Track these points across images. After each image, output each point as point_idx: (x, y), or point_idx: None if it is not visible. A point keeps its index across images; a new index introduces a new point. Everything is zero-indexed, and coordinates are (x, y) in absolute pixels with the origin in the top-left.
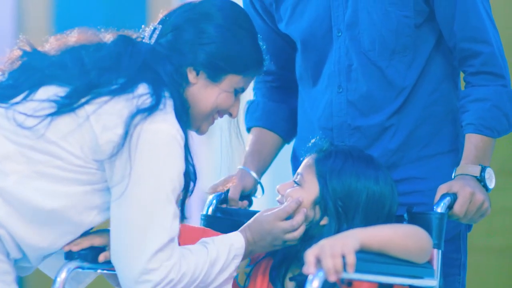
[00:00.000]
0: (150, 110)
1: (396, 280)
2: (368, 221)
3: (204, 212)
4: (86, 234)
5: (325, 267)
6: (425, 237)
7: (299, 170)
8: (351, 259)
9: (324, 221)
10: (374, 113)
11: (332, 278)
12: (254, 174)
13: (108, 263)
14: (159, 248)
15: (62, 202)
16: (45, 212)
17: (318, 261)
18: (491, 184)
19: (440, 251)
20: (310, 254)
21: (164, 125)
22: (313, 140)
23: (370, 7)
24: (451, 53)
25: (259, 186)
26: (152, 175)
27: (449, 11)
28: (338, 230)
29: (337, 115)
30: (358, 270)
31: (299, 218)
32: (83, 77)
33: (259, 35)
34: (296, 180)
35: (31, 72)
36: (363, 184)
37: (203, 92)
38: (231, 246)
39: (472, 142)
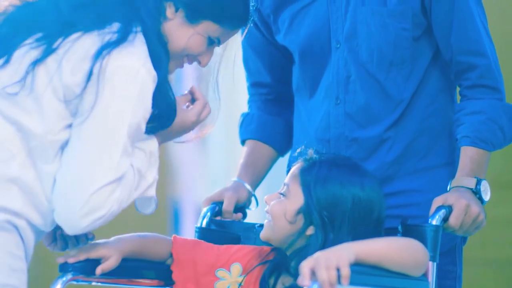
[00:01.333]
0: (115, 44)
1: None
2: (356, 228)
3: (199, 225)
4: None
5: (320, 279)
6: (421, 250)
7: (285, 180)
8: (346, 271)
9: (310, 231)
10: (371, 125)
11: None
12: (248, 187)
13: (103, 276)
14: (105, 184)
15: None
16: None
17: (313, 274)
18: (486, 196)
19: (435, 263)
20: (305, 266)
21: (129, 60)
22: (298, 150)
23: (369, 19)
24: (448, 67)
25: (253, 198)
26: (111, 110)
27: (446, 23)
28: (325, 240)
29: (335, 126)
30: (352, 282)
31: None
32: (58, 18)
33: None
34: (282, 191)
35: (12, 27)
36: (348, 191)
37: (177, 31)
38: (151, 153)
39: (468, 154)
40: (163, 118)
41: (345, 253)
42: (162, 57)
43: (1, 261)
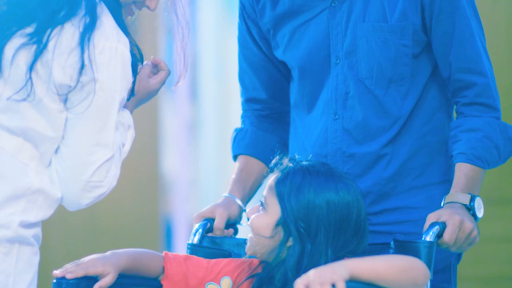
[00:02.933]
0: (91, 28)
1: None
2: (335, 234)
3: (190, 241)
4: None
5: None
6: (421, 271)
7: (263, 192)
8: (341, 285)
9: (290, 243)
10: (368, 141)
11: None
12: (239, 202)
13: None
14: (102, 162)
15: None
16: None
17: None
18: (480, 213)
19: (429, 280)
20: (299, 284)
21: (107, 41)
22: (274, 160)
23: (369, 35)
24: (446, 84)
25: (244, 214)
26: (103, 93)
27: (446, 42)
28: (303, 250)
29: (332, 142)
30: None
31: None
32: (45, 7)
33: None
34: (262, 203)
35: None
36: (323, 198)
37: None
38: (129, 127)
39: (463, 171)
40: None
41: (339, 269)
42: (117, 11)
43: (29, 277)
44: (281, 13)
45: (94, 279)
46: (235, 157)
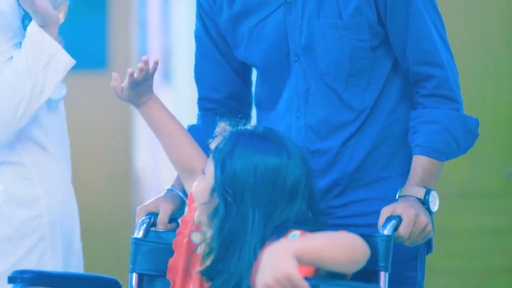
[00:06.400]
0: None
1: None
2: (261, 197)
3: (135, 235)
4: None
5: None
6: (362, 249)
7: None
8: (297, 277)
9: None
10: (331, 136)
11: None
12: (182, 195)
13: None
14: None
15: None
16: None
17: None
18: (434, 207)
19: (387, 273)
20: None
21: None
22: (218, 129)
23: (324, 31)
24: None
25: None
26: None
27: (401, 36)
28: (227, 214)
29: (296, 139)
30: None
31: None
32: None
33: None
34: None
35: None
36: (250, 160)
37: None
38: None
39: (419, 164)
40: None
41: (285, 261)
42: None
43: None
44: (238, 11)
45: (50, 275)
46: None
